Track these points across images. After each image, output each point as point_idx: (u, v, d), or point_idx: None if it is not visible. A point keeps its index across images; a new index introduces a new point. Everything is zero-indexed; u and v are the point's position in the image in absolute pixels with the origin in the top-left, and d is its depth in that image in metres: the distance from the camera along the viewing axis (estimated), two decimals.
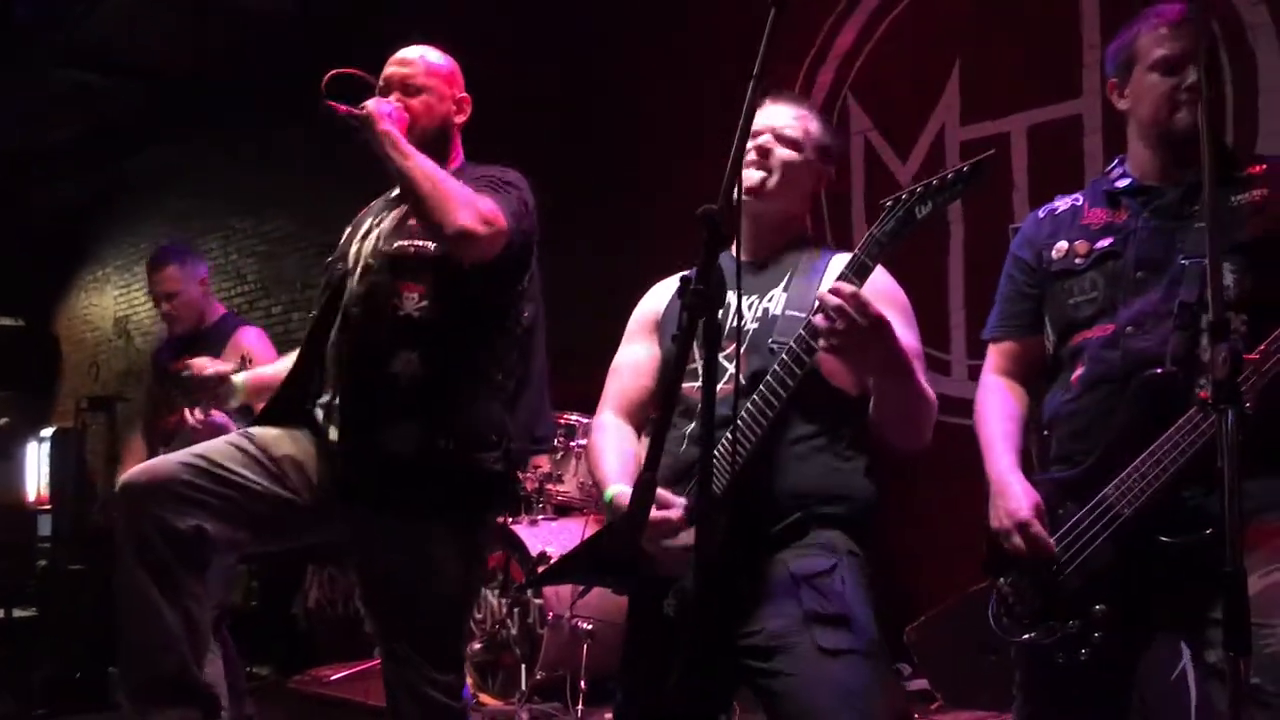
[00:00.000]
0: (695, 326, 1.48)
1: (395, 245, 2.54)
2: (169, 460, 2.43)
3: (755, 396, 1.94)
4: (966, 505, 2.36)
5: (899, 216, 1.88)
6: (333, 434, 2.53)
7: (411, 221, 2.54)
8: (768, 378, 1.94)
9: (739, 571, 1.95)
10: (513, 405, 2.54)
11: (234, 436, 2.54)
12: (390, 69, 2.68)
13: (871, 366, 1.93)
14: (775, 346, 2.00)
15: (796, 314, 2.04)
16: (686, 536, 1.93)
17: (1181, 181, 2.07)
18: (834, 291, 1.79)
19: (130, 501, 2.35)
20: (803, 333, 1.91)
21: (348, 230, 2.78)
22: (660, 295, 2.36)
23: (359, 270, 2.60)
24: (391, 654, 2.51)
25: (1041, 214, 2.29)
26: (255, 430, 2.57)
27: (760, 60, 1.51)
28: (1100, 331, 2.07)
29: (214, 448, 2.48)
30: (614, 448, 2.22)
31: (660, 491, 1.99)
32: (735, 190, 1.54)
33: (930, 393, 2.02)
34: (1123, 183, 2.16)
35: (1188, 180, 2.05)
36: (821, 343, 1.83)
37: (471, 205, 2.39)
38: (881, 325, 1.81)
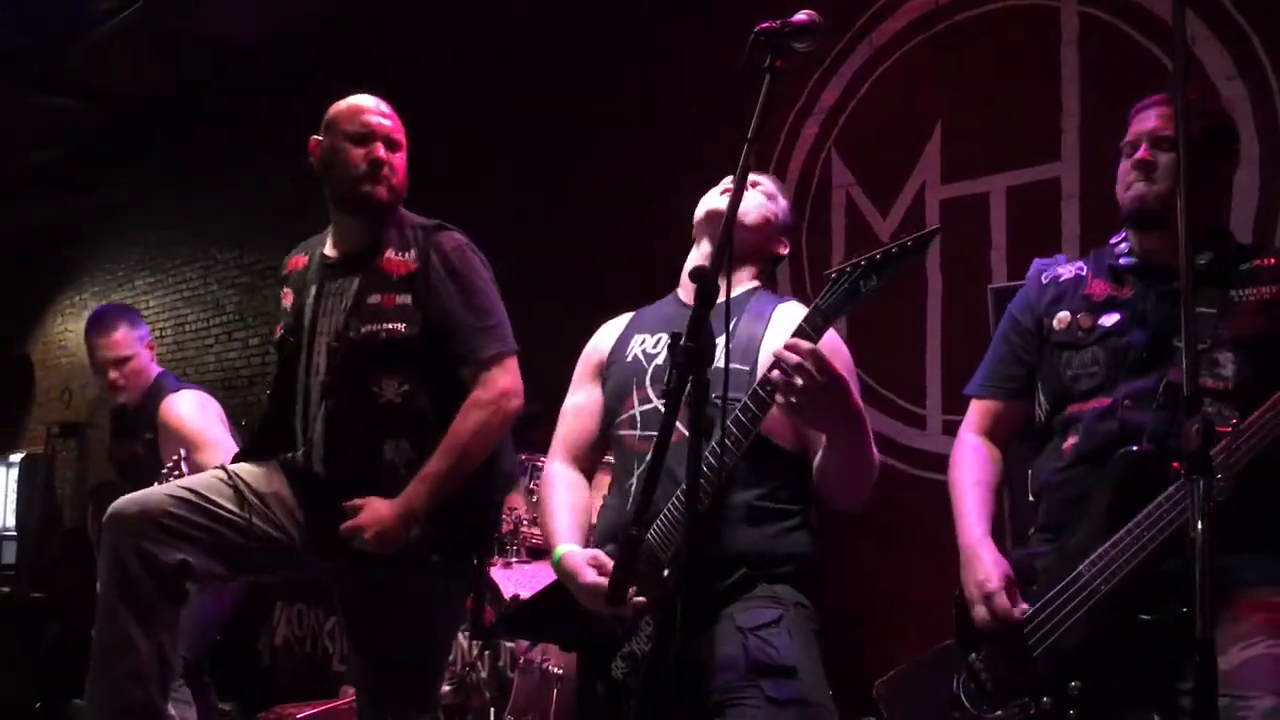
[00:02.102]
0: (685, 384, 1.51)
1: (364, 331, 2.50)
2: (157, 492, 2.45)
3: (705, 457, 1.93)
4: (940, 559, 2.38)
5: (844, 290, 1.86)
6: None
7: (371, 300, 2.52)
8: (713, 443, 1.93)
9: (689, 626, 1.97)
10: (495, 463, 2.58)
11: (221, 471, 2.54)
12: (373, 119, 2.64)
13: (826, 425, 1.94)
14: (719, 402, 2.01)
15: (740, 367, 2.05)
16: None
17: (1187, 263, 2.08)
18: (791, 348, 1.80)
19: (117, 531, 2.37)
20: (749, 398, 1.92)
21: (288, 291, 2.72)
22: (605, 336, 2.39)
23: (323, 354, 2.57)
24: (370, 693, 2.51)
25: (1044, 279, 2.29)
26: (240, 466, 2.57)
27: (754, 125, 1.54)
28: (1096, 404, 2.08)
29: (202, 481, 2.49)
30: (564, 502, 2.25)
31: (599, 556, 2.02)
32: (728, 249, 1.58)
33: (875, 456, 2.04)
34: (1126, 260, 2.17)
35: (1195, 266, 2.05)
36: (779, 398, 1.83)
37: (499, 413, 2.47)
38: (839, 383, 1.82)
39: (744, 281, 2.28)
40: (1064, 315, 2.18)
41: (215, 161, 8.07)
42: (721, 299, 1.57)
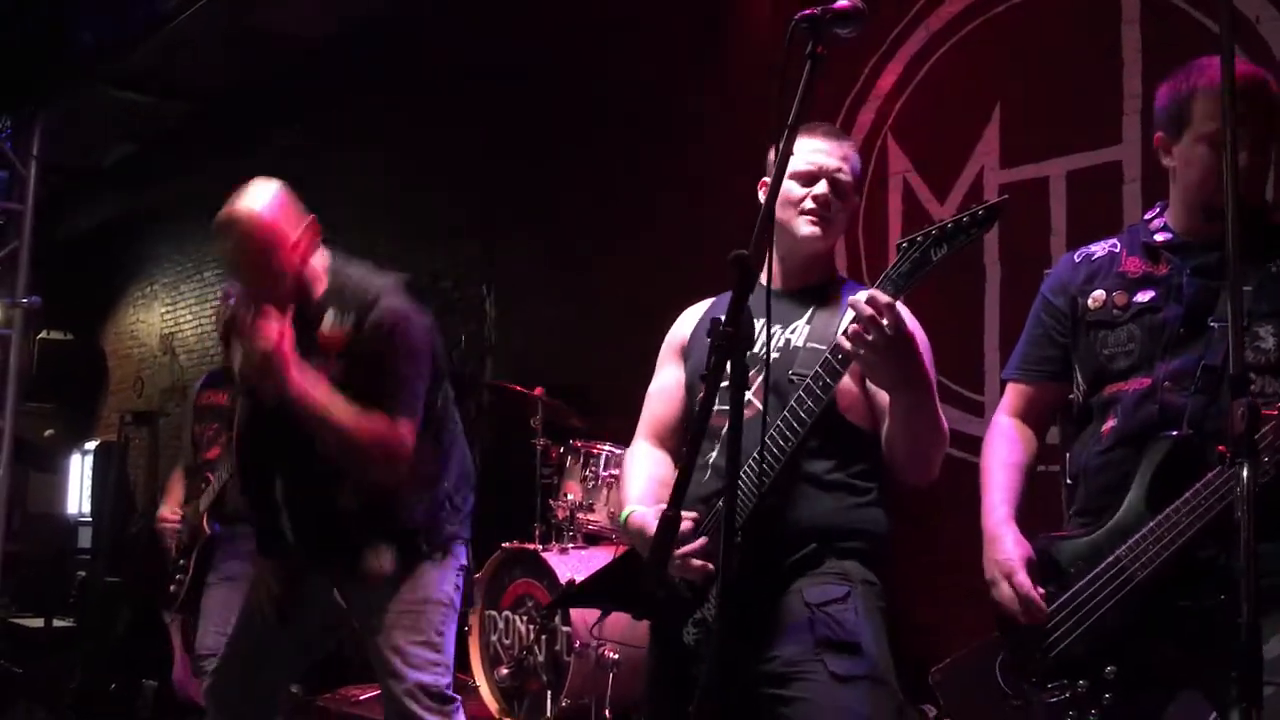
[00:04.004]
0: (723, 367, 1.52)
1: (311, 365, 2.57)
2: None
3: (774, 430, 1.96)
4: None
5: (914, 259, 1.88)
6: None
7: (327, 332, 2.61)
8: (785, 412, 1.95)
9: (755, 601, 1.98)
10: (444, 474, 2.77)
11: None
12: (231, 269, 2.81)
13: (893, 382, 1.94)
14: (794, 378, 2.03)
15: (818, 346, 2.05)
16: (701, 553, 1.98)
17: (1223, 241, 2.03)
18: (869, 301, 1.81)
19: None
20: (828, 358, 1.93)
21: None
22: (687, 321, 2.39)
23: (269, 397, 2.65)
24: (386, 685, 2.71)
25: (1077, 258, 2.25)
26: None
27: (795, 110, 1.55)
28: (1136, 384, 2.05)
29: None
30: (640, 473, 2.28)
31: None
32: (769, 227, 1.58)
33: (944, 424, 2.05)
34: (1162, 237, 2.12)
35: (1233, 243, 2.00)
36: (851, 346, 1.84)
37: (383, 452, 2.55)
38: (910, 340, 1.84)
39: (824, 275, 2.26)
40: (1099, 294, 2.14)
41: (282, 156, 8.20)
42: (765, 284, 1.57)
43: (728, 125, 5.00)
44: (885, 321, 1.79)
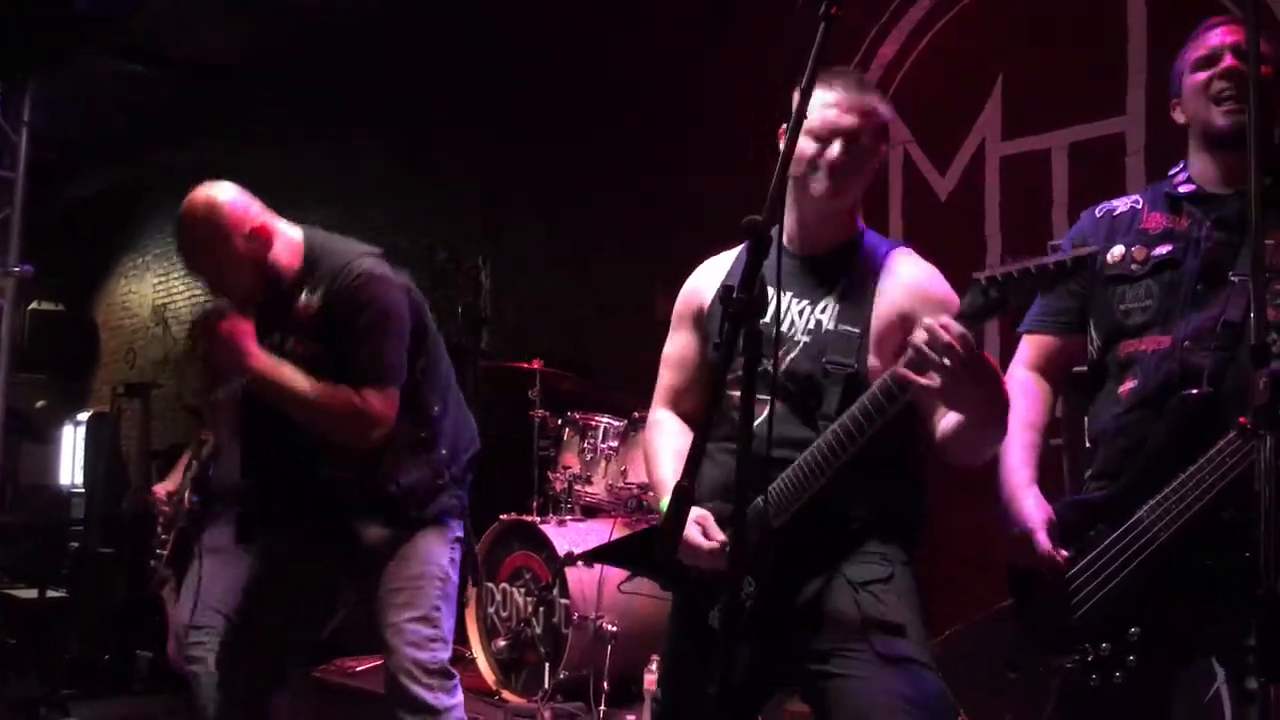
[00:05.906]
0: (737, 335, 1.48)
1: (288, 346, 2.64)
2: None
3: (830, 434, 1.89)
4: (998, 519, 2.35)
5: (994, 298, 1.73)
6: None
7: (301, 307, 2.63)
8: (844, 420, 1.88)
9: (797, 578, 1.96)
10: (436, 443, 2.75)
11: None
12: (189, 268, 2.81)
13: (969, 411, 1.85)
14: (829, 367, 1.97)
15: (850, 329, 1.99)
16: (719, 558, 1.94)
17: (1246, 192, 1.96)
18: (944, 327, 1.71)
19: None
20: (888, 382, 1.82)
21: None
22: (704, 279, 2.26)
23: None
24: (386, 665, 2.70)
25: (1099, 213, 2.23)
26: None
27: (809, 74, 1.52)
28: (1153, 344, 2.03)
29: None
30: (669, 447, 2.19)
31: (705, 517, 1.99)
32: (780, 201, 1.55)
33: (1008, 424, 1.95)
34: (1185, 188, 2.10)
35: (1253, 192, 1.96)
36: (926, 380, 1.74)
37: (363, 422, 2.55)
38: (992, 373, 1.76)
39: (844, 231, 2.13)
40: (1118, 249, 2.12)
41: (277, 129, 8.13)
42: (779, 247, 1.53)
43: (727, 100, 4.97)
44: (961, 352, 1.69)
